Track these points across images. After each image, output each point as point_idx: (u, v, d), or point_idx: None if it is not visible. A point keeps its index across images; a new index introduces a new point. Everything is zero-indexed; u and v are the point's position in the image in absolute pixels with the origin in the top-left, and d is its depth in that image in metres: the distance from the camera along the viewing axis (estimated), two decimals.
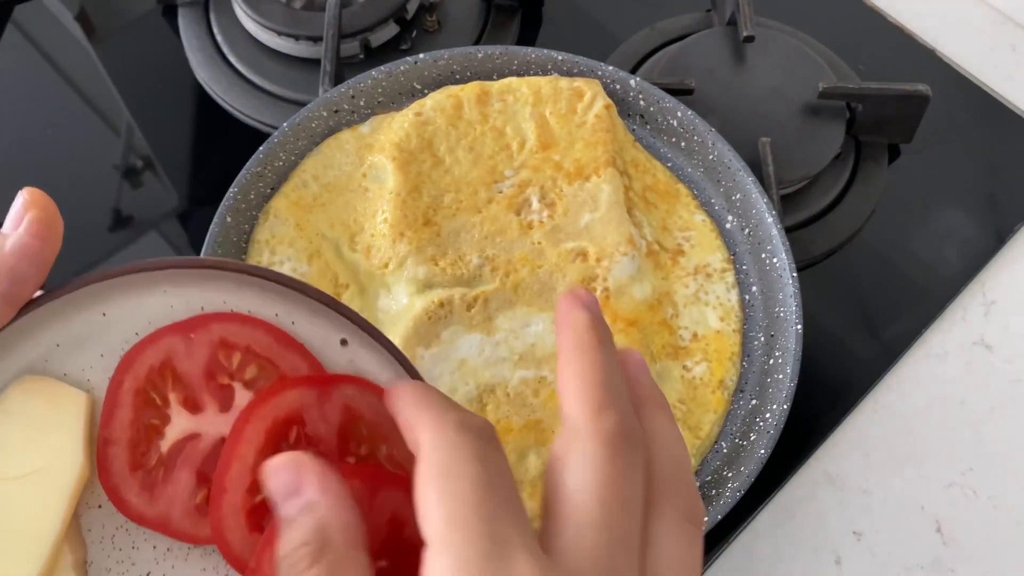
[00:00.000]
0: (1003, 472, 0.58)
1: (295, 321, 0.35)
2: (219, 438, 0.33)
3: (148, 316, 0.33)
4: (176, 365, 0.33)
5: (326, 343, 0.35)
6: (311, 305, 0.34)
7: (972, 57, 0.73)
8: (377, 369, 0.35)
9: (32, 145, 0.69)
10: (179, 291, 0.34)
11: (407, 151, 0.55)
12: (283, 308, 0.35)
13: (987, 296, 0.63)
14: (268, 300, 0.35)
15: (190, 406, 0.33)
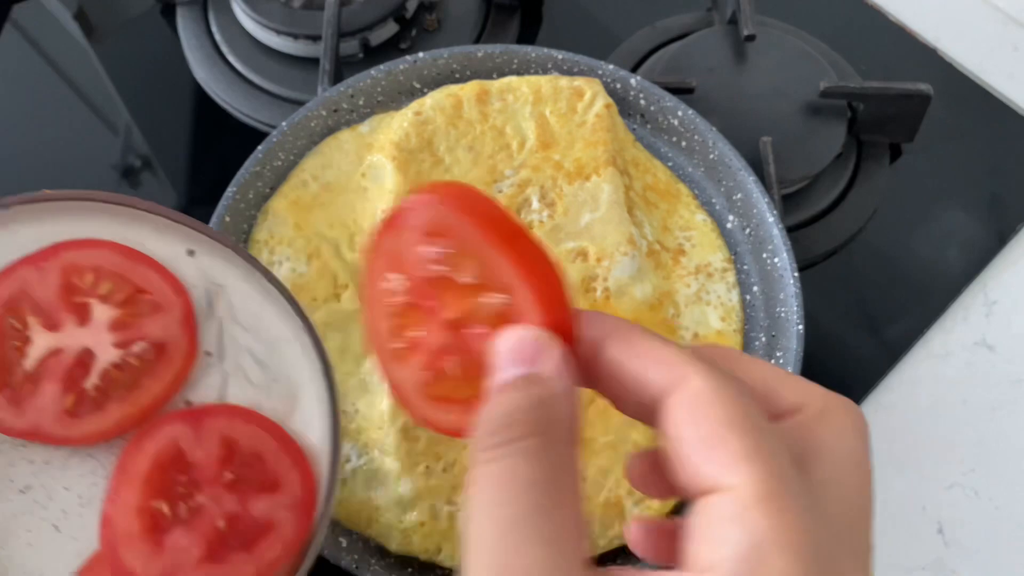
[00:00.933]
0: (1005, 473, 0.57)
1: (143, 241, 0.39)
2: (81, 349, 0.38)
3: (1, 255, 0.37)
4: (32, 293, 0.37)
5: (175, 256, 0.39)
6: (155, 222, 0.39)
7: (974, 56, 0.73)
8: (223, 270, 0.39)
9: (31, 145, 0.69)
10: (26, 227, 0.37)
11: (406, 150, 0.55)
12: (130, 230, 0.39)
13: (989, 296, 0.63)
14: (114, 224, 0.38)
15: (49, 326, 0.37)
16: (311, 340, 0.39)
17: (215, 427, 0.38)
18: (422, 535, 0.47)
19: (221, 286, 0.40)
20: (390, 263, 0.30)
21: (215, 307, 0.40)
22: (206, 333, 0.40)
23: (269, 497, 0.37)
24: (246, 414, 0.38)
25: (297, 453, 0.38)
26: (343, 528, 0.48)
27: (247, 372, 0.40)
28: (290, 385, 0.39)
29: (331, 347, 0.51)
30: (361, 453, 0.49)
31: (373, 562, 0.47)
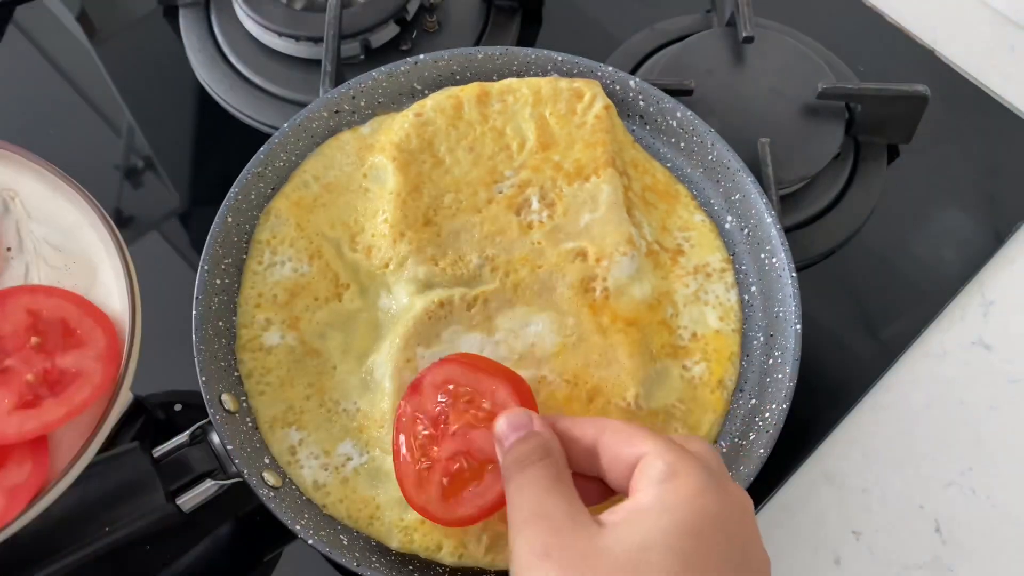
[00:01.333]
0: (1002, 471, 0.58)
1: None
2: None
3: None
4: None
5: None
6: None
7: (971, 58, 0.73)
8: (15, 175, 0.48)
9: (34, 145, 0.69)
10: None
11: (407, 151, 0.55)
12: None
13: (986, 296, 0.64)
14: None
15: None
16: (102, 221, 0.46)
17: (18, 304, 0.44)
18: (423, 533, 0.48)
19: (14, 190, 0.47)
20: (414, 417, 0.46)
21: (11, 209, 0.47)
22: (5, 232, 0.46)
23: (76, 352, 0.43)
24: (47, 290, 0.45)
25: (98, 314, 0.44)
26: (344, 526, 0.49)
27: (47, 258, 0.46)
28: (88, 262, 0.47)
29: (332, 346, 0.52)
30: (362, 452, 0.50)
31: (374, 560, 0.47)
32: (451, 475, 0.45)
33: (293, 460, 0.50)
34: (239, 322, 0.52)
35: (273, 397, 0.51)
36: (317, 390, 0.51)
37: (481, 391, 0.46)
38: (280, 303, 0.52)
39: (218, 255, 0.53)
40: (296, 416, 0.50)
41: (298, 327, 0.52)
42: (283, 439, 0.50)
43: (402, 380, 0.49)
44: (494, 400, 0.46)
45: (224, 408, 0.49)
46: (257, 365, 0.51)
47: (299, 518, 0.47)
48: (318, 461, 0.50)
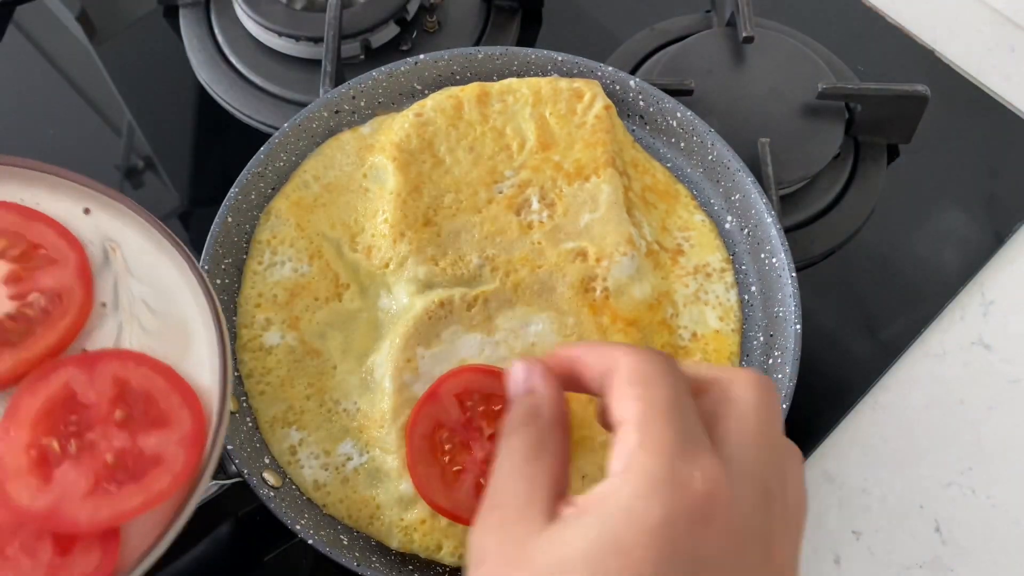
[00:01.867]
0: (1002, 471, 0.58)
1: (39, 201, 0.41)
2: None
3: None
4: None
5: (71, 214, 0.42)
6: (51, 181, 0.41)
7: (971, 57, 0.73)
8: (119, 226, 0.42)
9: (34, 145, 0.70)
10: None
11: (407, 151, 0.55)
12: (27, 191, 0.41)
13: (986, 296, 0.64)
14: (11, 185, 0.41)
15: None
16: (202, 288, 0.42)
17: (107, 369, 0.40)
18: (423, 533, 0.48)
19: (116, 241, 0.43)
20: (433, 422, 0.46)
21: (111, 261, 0.42)
22: (102, 286, 0.42)
23: (159, 433, 0.39)
24: (137, 357, 0.41)
25: (187, 392, 0.40)
26: (344, 526, 0.49)
27: (141, 320, 0.42)
28: (182, 331, 0.42)
29: (332, 346, 0.52)
30: (362, 451, 0.50)
31: (374, 560, 0.47)
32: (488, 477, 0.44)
33: (293, 460, 0.50)
34: (239, 322, 0.52)
35: (273, 397, 0.51)
36: (317, 390, 0.51)
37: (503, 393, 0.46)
38: (280, 303, 0.52)
39: (218, 255, 0.53)
40: (296, 416, 0.50)
41: (298, 327, 0.52)
42: (283, 439, 0.50)
43: (402, 380, 0.49)
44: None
45: None
46: (257, 365, 0.51)
47: (299, 518, 0.47)
48: (318, 461, 0.50)
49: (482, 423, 0.47)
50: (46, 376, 0.39)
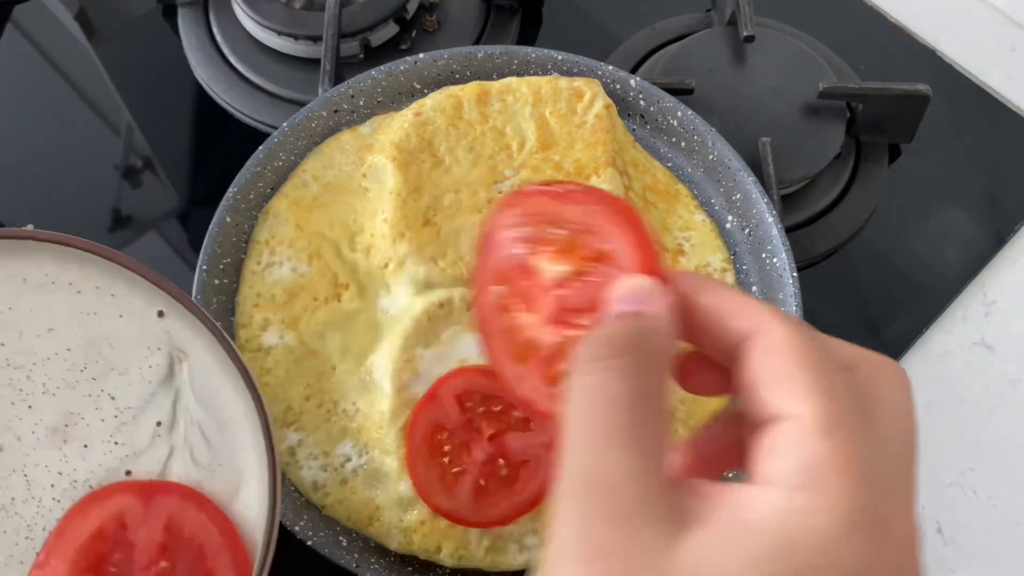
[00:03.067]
0: (1003, 472, 0.58)
1: (115, 294, 0.39)
2: None
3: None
4: None
5: (145, 314, 0.39)
6: (129, 276, 0.38)
7: (972, 57, 0.73)
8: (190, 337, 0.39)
9: (32, 145, 0.70)
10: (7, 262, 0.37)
11: (407, 151, 0.55)
12: (104, 280, 0.38)
13: (987, 296, 0.63)
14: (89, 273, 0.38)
15: None
16: (263, 427, 0.38)
17: (164, 506, 0.37)
18: (422, 534, 0.48)
19: (185, 353, 0.39)
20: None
21: (175, 375, 0.39)
22: (162, 401, 0.39)
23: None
24: (199, 499, 0.37)
25: (240, 552, 0.37)
26: (343, 527, 0.49)
27: (194, 449, 0.39)
28: (235, 471, 0.39)
29: (332, 346, 0.52)
30: (362, 452, 0.50)
31: (373, 561, 0.47)
32: (488, 478, 0.46)
33: (292, 461, 0.49)
34: (238, 322, 0.52)
35: (272, 397, 0.50)
36: (316, 391, 0.51)
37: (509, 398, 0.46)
38: (279, 303, 0.52)
39: (217, 255, 0.53)
40: (295, 417, 0.50)
41: (297, 327, 0.52)
42: (282, 440, 0.50)
43: (401, 381, 0.49)
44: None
45: None
46: (256, 365, 0.51)
47: (298, 519, 0.47)
48: (317, 462, 0.49)
49: (482, 424, 0.47)
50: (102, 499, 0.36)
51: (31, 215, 0.65)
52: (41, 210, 0.66)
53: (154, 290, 0.39)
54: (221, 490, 0.38)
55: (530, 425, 0.47)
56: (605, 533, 0.23)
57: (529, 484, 0.46)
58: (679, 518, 0.23)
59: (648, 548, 0.23)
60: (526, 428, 0.47)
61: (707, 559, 0.22)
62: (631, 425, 0.24)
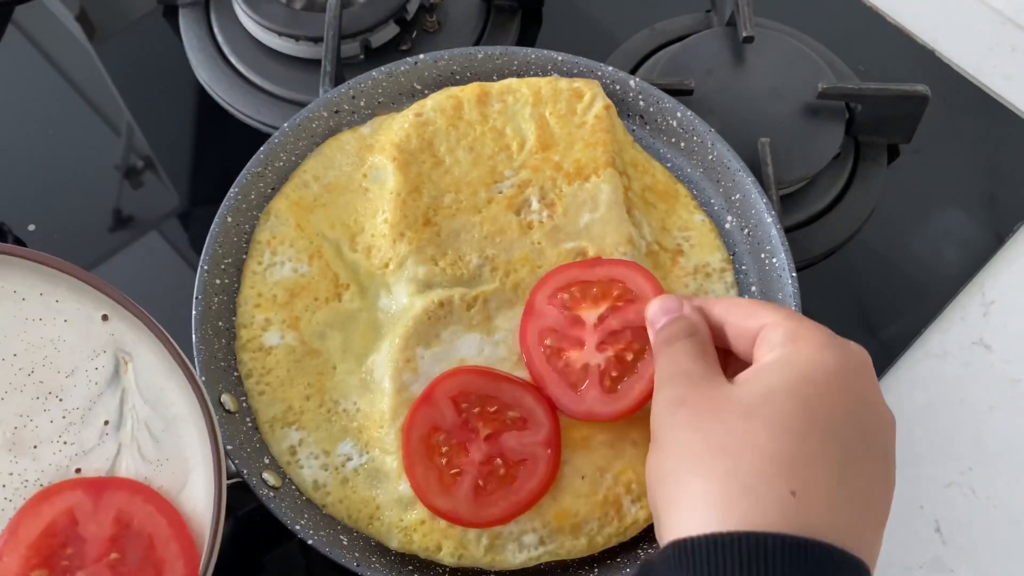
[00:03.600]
0: (1002, 472, 0.58)
1: (58, 299, 0.40)
2: None
3: None
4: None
5: (89, 318, 0.40)
6: (71, 282, 0.40)
7: (971, 57, 0.73)
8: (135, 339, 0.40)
9: (33, 145, 0.70)
10: None
11: (407, 152, 0.55)
12: (47, 286, 0.40)
13: (986, 296, 0.63)
14: (32, 279, 0.40)
15: None
16: (208, 425, 0.39)
17: (113, 501, 0.38)
18: (422, 533, 0.48)
19: (130, 355, 0.41)
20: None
21: (120, 375, 0.40)
22: (108, 400, 0.40)
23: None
24: (147, 492, 0.39)
25: (187, 541, 0.39)
26: (344, 526, 0.49)
27: (141, 446, 0.40)
28: (182, 465, 0.40)
29: (332, 346, 0.52)
30: (362, 452, 0.50)
31: (374, 560, 0.47)
32: (486, 478, 0.46)
33: (293, 460, 0.50)
34: (239, 322, 0.52)
35: (273, 397, 0.51)
36: (317, 390, 0.51)
37: (506, 398, 0.48)
38: (280, 303, 0.52)
39: (218, 255, 0.53)
40: (296, 416, 0.50)
41: (298, 327, 0.52)
42: (283, 439, 0.50)
43: (402, 380, 0.49)
44: (522, 406, 0.48)
45: (224, 408, 0.49)
46: (257, 365, 0.51)
47: (299, 518, 0.47)
48: (318, 461, 0.50)
49: (478, 424, 0.47)
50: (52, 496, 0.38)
51: (32, 215, 0.65)
52: (42, 211, 0.66)
53: (97, 295, 0.40)
54: (169, 484, 0.40)
55: (527, 424, 0.47)
56: (686, 391, 0.40)
57: (527, 483, 0.46)
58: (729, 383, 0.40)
59: (713, 391, 0.39)
60: (523, 427, 0.47)
61: (749, 389, 0.38)
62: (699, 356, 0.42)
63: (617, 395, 0.48)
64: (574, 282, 0.50)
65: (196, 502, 0.40)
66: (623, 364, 0.48)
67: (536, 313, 0.50)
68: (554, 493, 0.48)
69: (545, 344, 0.49)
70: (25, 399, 0.39)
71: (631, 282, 0.50)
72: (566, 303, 0.50)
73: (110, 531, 0.38)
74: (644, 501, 0.48)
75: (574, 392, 0.48)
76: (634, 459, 0.49)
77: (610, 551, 0.49)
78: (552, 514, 0.48)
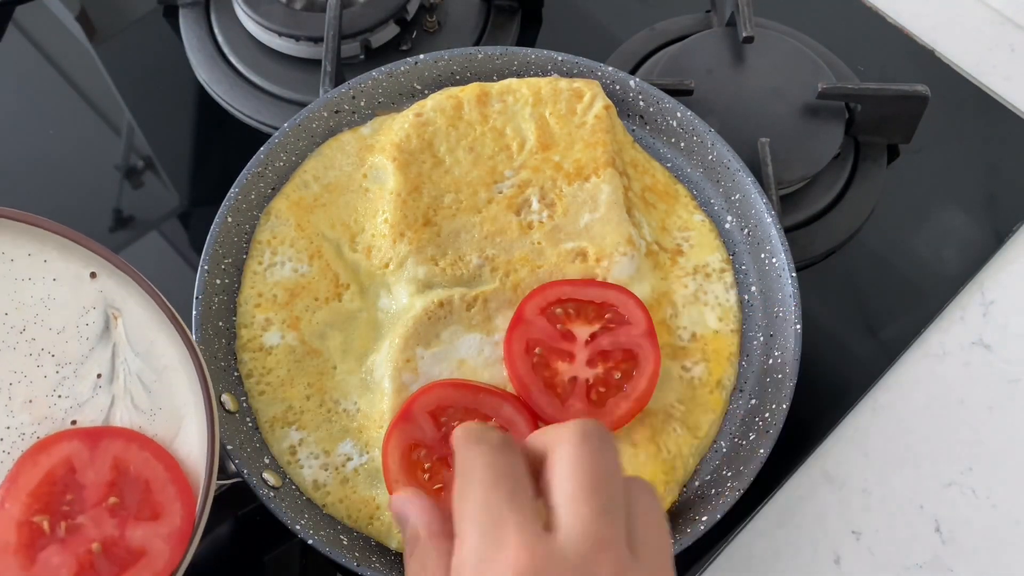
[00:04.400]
0: (1002, 471, 0.58)
1: (47, 259, 0.41)
2: None
3: None
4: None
5: (78, 276, 0.41)
6: (59, 241, 0.41)
7: (971, 57, 0.73)
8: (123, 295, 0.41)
9: (33, 145, 0.70)
10: None
11: (407, 152, 0.55)
12: (36, 247, 0.41)
13: (986, 296, 0.64)
14: (20, 241, 0.41)
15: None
16: (199, 373, 0.41)
17: (110, 449, 0.39)
18: None
19: (119, 310, 0.42)
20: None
21: (111, 330, 0.42)
22: (100, 355, 0.41)
23: (148, 525, 0.39)
24: (141, 439, 0.40)
25: (183, 484, 0.40)
26: (344, 526, 0.49)
27: (134, 397, 0.41)
28: (174, 413, 0.41)
29: (332, 346, 0.52)
30: (362, 452, 0.50)
31: (374, 560, 0.47)
32: None
33: (293, 460, 0.50)
34: (239, 322, 0.52)
35: (273, 397, 0.51)
36: (317, 390, 0.51)
37: (485, 410, 0.48)
38: (280, 303, 0.52)
39: (218, 255, 0.53)
40: (296, 416, 0.50)
41: (298, 327, 0.52)
42: (283, 439, 0.50)
43: (401, 380, 0.49)
44: (501, 416, 0.48)
45: (224, 408, 0.49)
46: (257, 365, 0.51)
47: (299, 518, 0.47)
48: (318, 461, 0.50)
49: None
50: (49, 446, 0.39)
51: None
52: (42, 211, 0.65)
53: (85, 252, 0.41)
54: (162, 431, 0.41)
55: None
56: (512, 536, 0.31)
57: None
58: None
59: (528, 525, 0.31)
60: None
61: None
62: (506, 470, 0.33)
63: (604, 410, 0.48)
64: (566, 298, 0.50)
65: (190, 448, 0.41)
66: (611, 382, 0.48)
67: (525, 323, 0.50)
68: None
69: (534, 354, 0.49)
70: (18, 356, 0.41)
71: (623, 307, 0.50)
72: (559, 317, 0.50)
73: (108, 477, 0.39)
74: None
75: (560, 403, 0.48)
76: (634, 460, 0.49)
77: None
78: None
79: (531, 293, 0.51)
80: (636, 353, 0.49)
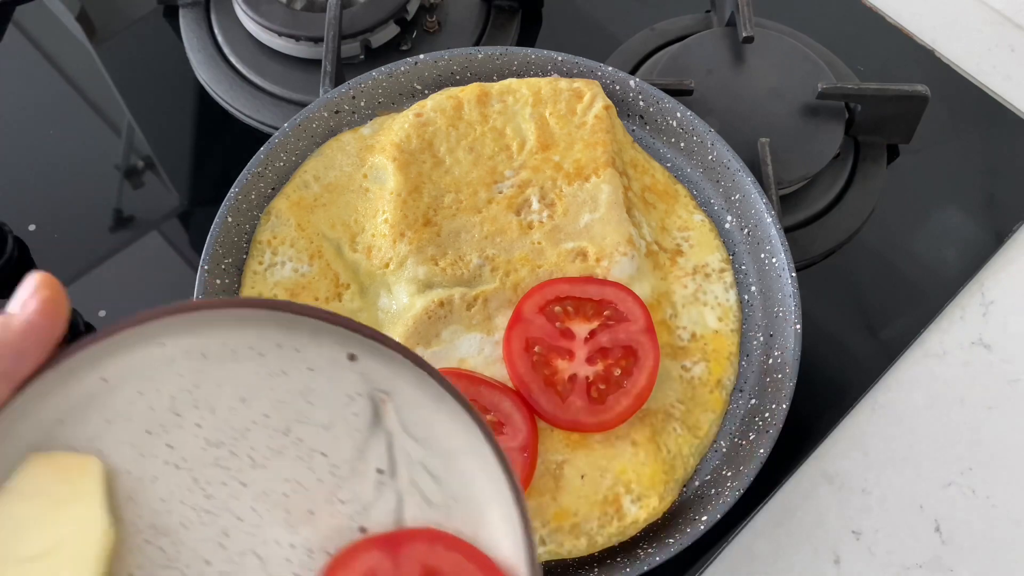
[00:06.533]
0: (1002, 471, 0.58)
1: (299, 348, 0.35)
2: None
3: (147, 372, 0.33)
4: None
5: (335, 361, 0.35)
6: (311, 325, 0.34)
7: (971, 57, 0.73)
8: (390, 375, 0.35)
9: (34, 146, 0.70)
10: (175, 340, 0.33)
11: (407, 152, 0.55)
12: (284, 336, 0.35)
13: (986, 296, 0.64)
14: (268, 332, 0.35)
15: None
16: (492, 450, 0.35)
17: (414, 556, 0.34)
18: None
19: (387, 393, 0.36)
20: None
21: (382, 417, 0.36)
22: (374, 448, 0.35)
23: None
24: (447, 540, 0.34)
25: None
26: None
27: (423, 489, 0.35)
28: (472, 502, 0.35)
29: None
30: None
31: None
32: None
33: None
34: None
35: None
36: None
37: (484, 402, 0.48)
38: None
39: (218, 255, 0.53)
40: None
41: None
42: None
43: None
44: (499, 410, 0.48)
45: None
46: None
47: None
48: None
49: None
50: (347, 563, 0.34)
51: (32, 215, 0.65)
52: (42, 211, 0.66)
53: (340, 333, 0.35)
54: (463, 526, 0.35)
55: (503, 429, 0.48)
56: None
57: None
58: None
59: None
60: (499, 432, 0.48)
61: None
62: None
63: (604, 407, 0.48)
64: (565, 296, 0.51)
65: (498, 540, 0.35)
66: (611, 379, 0.49)
67: (524, 322, 0.50)
68: (554, 493, 0.48)
69: (534, 352, 0.49)
70: (287, 461, 0.35)
71: (621, 304, 0.50)
72: (558, 315, 0.50)
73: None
74: (644, 501, 0.48)
75: (560, 400, 0.48)
76: (634, 459, 0.49)
77: (610, 551, 0.49)
78: (552, 514, 0.48)
79: (529, 292, 0.51)
80: (635, 349, 0.49)
